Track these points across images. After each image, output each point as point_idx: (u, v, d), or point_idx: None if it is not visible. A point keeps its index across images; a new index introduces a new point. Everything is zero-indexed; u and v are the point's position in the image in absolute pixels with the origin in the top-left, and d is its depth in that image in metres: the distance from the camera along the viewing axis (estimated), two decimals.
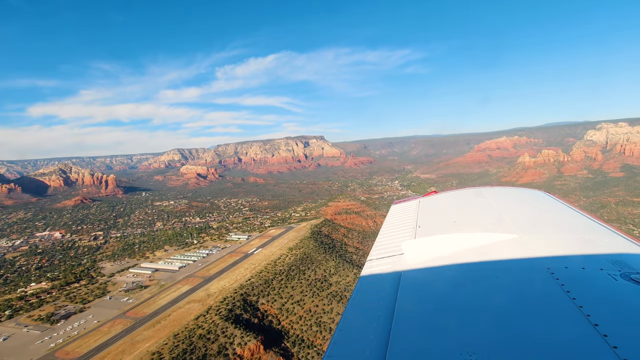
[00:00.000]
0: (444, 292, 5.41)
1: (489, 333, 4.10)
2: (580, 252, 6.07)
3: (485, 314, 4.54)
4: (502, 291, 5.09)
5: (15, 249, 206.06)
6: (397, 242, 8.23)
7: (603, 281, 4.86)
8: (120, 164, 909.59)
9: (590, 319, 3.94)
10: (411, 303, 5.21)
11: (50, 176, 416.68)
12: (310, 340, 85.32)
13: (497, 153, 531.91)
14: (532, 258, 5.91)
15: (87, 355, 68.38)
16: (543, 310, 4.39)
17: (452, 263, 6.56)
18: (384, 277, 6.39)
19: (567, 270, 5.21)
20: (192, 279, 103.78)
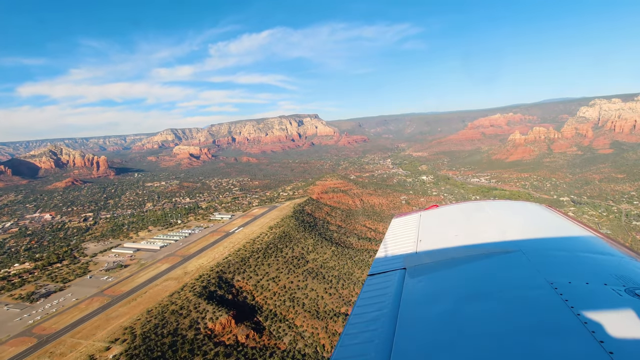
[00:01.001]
0: (447, 309, 5.33)
1: (492, 349, 4.09)
2: (583, 267, 6.09)
3: (488, 329, 4.55)
4: (506, 306, 5.05)
5: (5, 231, 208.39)
6: (398, 256, 8.27)
7: (607, 297, 4.83)
8: (113, 144, 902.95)
9: (595, 335, 3.92)
10: (413, 320, 5.20)
11: (41, 158, 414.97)
12: (282, 315, 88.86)
13: (490, 130, 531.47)
14: (535, 273, 5.86)
15: (63, 331, 71.39)
16: (547, 326, 4.37)
17: (456, 278, 6.57)
18: (385, 293, 6.31)
19: (570, 286, 5.17)
20: (172, 258, 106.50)
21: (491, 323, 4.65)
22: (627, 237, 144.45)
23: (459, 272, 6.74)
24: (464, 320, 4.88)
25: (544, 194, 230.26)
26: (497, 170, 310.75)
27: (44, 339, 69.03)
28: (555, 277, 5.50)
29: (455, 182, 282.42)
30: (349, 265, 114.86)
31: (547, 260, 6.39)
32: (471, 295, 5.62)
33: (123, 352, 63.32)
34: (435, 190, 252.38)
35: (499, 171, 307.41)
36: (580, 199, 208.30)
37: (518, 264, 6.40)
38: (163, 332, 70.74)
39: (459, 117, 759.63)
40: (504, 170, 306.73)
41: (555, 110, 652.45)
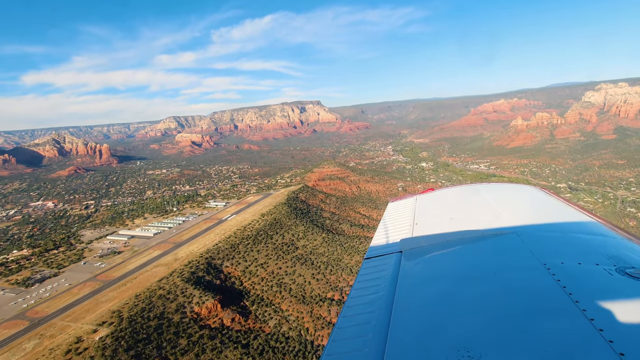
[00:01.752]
0: (443, 290, 5.41)
1: (485, 329, 4.20)
2: (575, 248, 6.19)
3: (482, 309, 4.65)
4: (500, 287, 5.16)
5: (9, 219, 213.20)
6: (394, 239, 8.35)
7: (599, 276, 4.96)
8: (117, 132, 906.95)
9: (586, 313, 4.04)
10: (409, 302, 5.30)
11: (45, 146, 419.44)
12: (269, 300, 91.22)
13: (493, 116, 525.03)
14: (528, 254, 5.95)
15: (54, 314, 74.23)
16: (540, 305, 4.48)
17: (451, 260, 6.68)
18: (382, 276, 6.39)
19: (563, 266, 5.29)
20: (164, 245, 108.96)
21: (485, 304, 4.78)
22: (620, 223, 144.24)
23: (454, 255, 6.86)
24: (459, 301, 5.02)
25: (542, 180, 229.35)
26: (498, 157, 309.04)
27: (35, 321, 71.93)
28: (548, 258, 5.62)
29: (454, 169, 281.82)
30: (339, 251, 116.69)
31: (540, 241, 6.48)
32: (466, 276, 5.73)
33: (109, 334, 65.95)
34: (434, 177, 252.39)
35: (499, 157, 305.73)
36: (577, 185, 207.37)
37: (512, 245, 6.50)
38: (149, 316, 73.31)
39: (463, 102, 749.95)
40: (505, 157, 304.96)
41: (561, 95, 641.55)
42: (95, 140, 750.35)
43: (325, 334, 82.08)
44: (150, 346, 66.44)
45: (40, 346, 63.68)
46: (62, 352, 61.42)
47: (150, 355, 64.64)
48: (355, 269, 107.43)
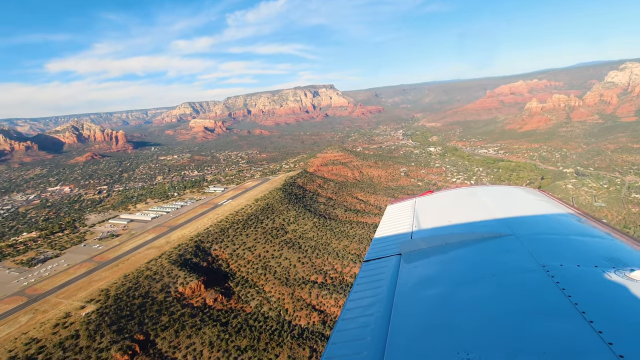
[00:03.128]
0: (442, 293, 5.41)
1: (484, 331, 4.19)
2: (574, 250, 6.19)
3: (481, 312, 4.64)
4: (499, 289, 5.15)
5: (28, 203, 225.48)
6: (393, 242, 8.36)
7: (597, 278, 4.94)
8: (135, 119, 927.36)
9: (585, 315, 4.01)
10: (408, 305, 5.30)
11: (64, 133, 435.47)
12: (253, 281, 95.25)
13: (509, 99, 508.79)
14: (527, 257, 5.92)
15: (50, 292, 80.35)
16: (539, 307, 4.46)
17: (450, 262, 6.68)
18: (381, 279, 6.42)
19: (562, 268, 5.28)
20: (159, 229, 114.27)
21: (485, 306, 4.80)
22: (622, 209, 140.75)
23: (454, 257, 6.85)
24: (458, 304, 5.03)
25: (550, 165, 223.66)
26: (508, 141, 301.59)
27: (33, 298, 78.21)
28: (547, 260, 5.61)
29: (462, 154, 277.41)
30: (328, 236, 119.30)
31: (539, 243, 6.49)
32: (465, 279, 5.75)
33: (95, 311, 71.30)
34: (439, 162, 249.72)
35: (509, 142, 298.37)
36: (586, 170, 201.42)
37: (511, 247, 6.50)
38: (135, 295, 78.39)
39: (480, 85, 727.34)
40: (515, 141, 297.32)
41: (584, 75, 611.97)
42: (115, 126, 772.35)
43: (303, 314, 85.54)
44: (133, 322, 71.48)
45: (33, 320, 69.62)
46: (51, 325, 67.11)
47: (131, 330, 69.66)
48: (342, 254, 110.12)
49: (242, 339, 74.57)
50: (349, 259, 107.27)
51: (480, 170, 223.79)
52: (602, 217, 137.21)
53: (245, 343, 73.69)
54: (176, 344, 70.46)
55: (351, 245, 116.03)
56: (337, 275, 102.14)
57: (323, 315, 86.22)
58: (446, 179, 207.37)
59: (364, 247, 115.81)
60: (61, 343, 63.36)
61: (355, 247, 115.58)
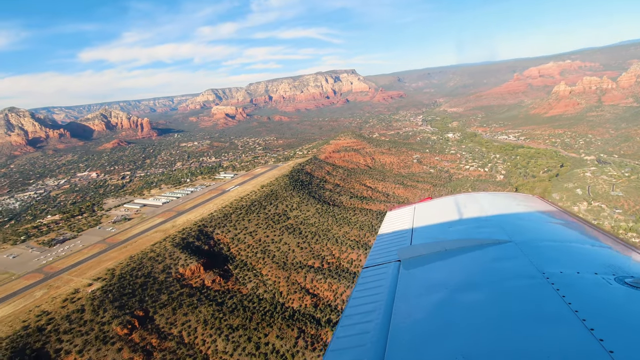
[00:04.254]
0: (441, 299, 5.41)
1: (483, 338, 4.19)
2: (574, 257, 6.15)
3: (481, 318, 4.65)
4: (498, 296, 5.13)
5: (59, 187, 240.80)
6: (392, 248, 8.37)
7: (598, 285, 4.92)
8: (162, 106, 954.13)
9: (586, 323, 3.98)
10: (407, 311, 5.30)
11: (94, 121, 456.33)
12: (252, 265, 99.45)
13: (538, 81, 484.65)
14: (527, 263, 5.87)
15: (64, 270, 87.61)
16: (539, 314, 4.42)
17: (449, 269, 6.68)
18: (380, 285, 6.43)
19: (561, 275, 5.25)
20: (168, 213, 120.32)
21: (484, 312, 4.78)
22: (639, 199, 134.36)
23: (452, 264, 6.83)
24: (458, 310, 5.02)
25: (572, 152, 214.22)
26: (531, 127, 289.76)
27: (49, 275, 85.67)
28: (546, 267, 5.57)
29: (480, 140, 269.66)
30: (329, 222, 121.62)
31: (538, 250, 6.43)
32: (465, 285, 5.74)
33: (100, 288, 77.49)
34: (455, 149, 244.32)
35: (532, 127, 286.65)
36: (610, 157, 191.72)
37: (510, 254, 6.45)
38: (137, 274, 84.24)
39: (509, 67, 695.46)
40: (539, 126, 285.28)
41: (623, 55, 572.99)
42: (143, 113, 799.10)
43: (297, 297, 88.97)
44: (134, 299, 77.24)
45: (47, 295, 76.62)
46: (60, 300, 73.76)
47: (132, 307, 75.39)
48: (341, 240, 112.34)
49: (235, 318, 78.94)
50: (347, 245, 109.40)
51: (497, 157, 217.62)
52: (618, 207, 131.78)
53: (238, 322, 78.01)
54: (173, 320, 75.70)
55: (352, 231, 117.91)
56: (335, 260, 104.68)
57: (315, 299, 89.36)
58: (459, 166, 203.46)
59: (364, 234, 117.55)
60: (68, 316, 69.77)
61: (355, 233, 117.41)
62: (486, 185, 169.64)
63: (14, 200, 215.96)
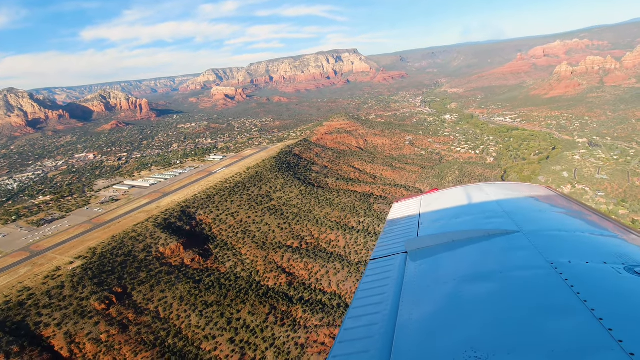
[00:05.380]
0: (449, 290, 5.38)
1: (492, 329, 4.18)
2: (582, 247, 6.11)
3: (489, 309, 4.63)
4: (507, 287, 5.11)
5: (57, 169, 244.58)
6: (399, 240, 8.37)
7: (607, 275, 4.88)
8: (163, 86, 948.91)
9: (594, 313, 3.95)
10: (415, 303, 5.28)
11: (93, 102, 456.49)
12: (232, 245, 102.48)
13: (543, 61, 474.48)
14: (535, 253, 5.85)
15: (49, 249, 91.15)
16: (547, 304, 4.41)
17: (457, 260, 6.63)
18: (388, 277, 6.43)
19: (570, 265, 5.22)
20: (154, 195, 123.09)
21: (492, 303, 4.78)
22: (624, 182, 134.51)
23: (460, 254, 6.80)
24: (465, 301, 5.01)
25: (566, 134, 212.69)
26: (529, 108, 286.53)
27: (34, 253, 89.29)
28: (555, 257, 5.56)
29: (476, 122, 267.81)
30: (312, 203, 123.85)
31: (546, 240, 6.42)
32: (472, 276, 5.70)
33: (80, 266, 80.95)
34: (449, 131, 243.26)
35: (530, 109, 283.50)
36: (602, 140, 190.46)
37: (518, 244, 6.43)
38: (118, 253, 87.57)
39: (515, 46, 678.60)
40: (537, 108, 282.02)
41: (634, 33, 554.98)
42: (144, 94, 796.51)
43: (272, 276, 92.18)
44: (113, 277, 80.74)
45: (31, 272, 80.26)
46: (42, 277, 77.38)
47: (111, 284, 78.94)
48: (321, 221, 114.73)
49: (210, 295, 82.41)
50: (327, 226, 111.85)
51: (490, 140, 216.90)
52: (601, 190, 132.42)
53: (213, 299, 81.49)
54: (150, 297, 79.28)
55: (333, 213, 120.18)
56: (313, 241, 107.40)
57: (291, 278, 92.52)
58: (450, 148, 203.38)
59: (345, 215, 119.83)
60: (48, 292, 73.43)
61: (336, 214, 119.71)
62: (475, 167, 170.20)
63: (13, 181, 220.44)
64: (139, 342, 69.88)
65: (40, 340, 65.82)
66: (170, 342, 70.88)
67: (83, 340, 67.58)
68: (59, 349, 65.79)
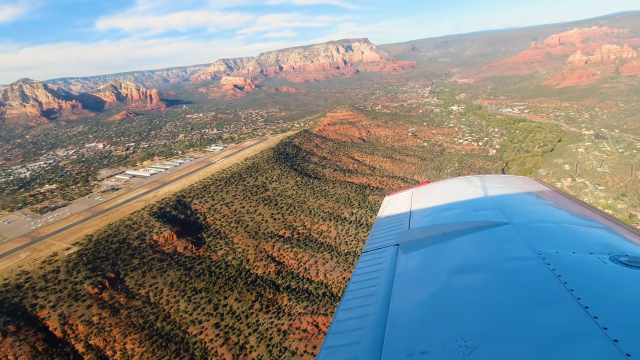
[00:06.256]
0: (439, 282, 5.48)
1: (481, 318, 4.30)
2: (569, 238, 6.24)
3: (478, 300, 4.75)
4: (496, 277, 5.20)
5: (67, 158, 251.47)
6: (390, 233, 8.43)
7: (593, 265, 5.02)
8: (175, 76, 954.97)
9: (580, 302, 4.10)
10: (406, 294, 5.37)
11: (105, 92, 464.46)
12: (225, 233, 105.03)
13: (558, 50, 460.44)
14: (523, 245, 5.97)
15: (49, 235, 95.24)
16: (535, 294, 4.53)
17: (447, 251, 6.75)
18: (379, 269, 6.51)
19: (557, 256, 5.35)
20: (153, 184, 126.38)
21: (482, 293, 4.90)
22: (626, 176, 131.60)
23: (450, 246, 6.89)
24: (456, 292, 5.12)
25: (574, 126, 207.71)
26: (539, 99, 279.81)
27: (35, 239, 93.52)
28: (543, 248, 5.69)
29: (483, 113, 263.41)
30: (307, 194, 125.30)
31: (535, 231, 6.51)
32: (462, 267, 5.80)
33: (76, 252, 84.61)
34: (454, 122, 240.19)
35: (539, 100, 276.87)
36: (610, 132, 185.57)
37: (507, 236, 6.51)
38: (113, 240, 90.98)
39: (531, 34, 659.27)
40: (547, 99, 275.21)
41: None
42: (156, 84, 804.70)
43: (262, 264, 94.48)
44: (107, 263, 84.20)
45: (30, 257, 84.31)
46: (40, 261, 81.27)
47: (105, 269, 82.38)
48: (315, 212, 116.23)
49: (200, 282, 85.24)
50: (319, 217, 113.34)
51: (495, 131, 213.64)
52: (602, 184, 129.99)
53: (202, 285, 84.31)
54: (142, 282, 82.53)
55: (327, 204, 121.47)
56: (305, 231, 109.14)
57: (280, 267, 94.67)
58: (453, 140, 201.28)
59: (339, 207, 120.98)
60: (44, 276, 77.25)
61: (330, 205, 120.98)
62: (475, 159, 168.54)
63: (25, 170, 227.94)
64: (128, 324, 73.21)
65: (36, 321, 69.67)
66: (158, 325, 74.04)
67: (76, 321, 71.18)
68: (53, 330, 69.56)
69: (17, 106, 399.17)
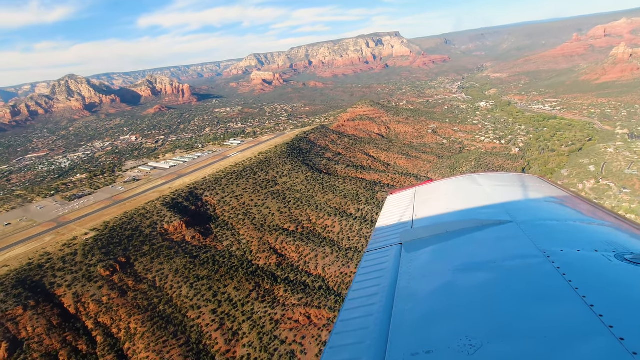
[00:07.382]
0: (443, 280, 5.46)
1: (485, 317, 4.26)
2: (574, 236, 6.20)
3: (483, 298, 4.72)
4: (500, 276, 5.17)
5: (103, 149, 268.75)
6: (394, 232, 8.43)
7: (598, 263, 4.94)
8: (209, 71, 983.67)
9: (586, 300, 4.04)
10: (410, 293, 5.33)
11: (141, 87, 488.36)
12: (232, 225, 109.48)
13: (603, 42, 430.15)
14: (528, 243, 5.92)
15: (73, 221, 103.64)
16: (540, 293, 4.48)
17: (451, 250, 6.72)
18: (383, 268, 6.49)
19: (562, 254, 5.29)
20: (170, 176, 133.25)
21: (485, 292, 4.87)
22: None
23: (454, 245, 6.89)
24: (460, 291, 5.09)
25: (608, 125, 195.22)
26: (574, 95, 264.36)
27: (60, 224, 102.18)
28: (547, 246, 5.63)
29: (512, 110, 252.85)
30: (315, 189, 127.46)
31: (539, 229, 6.49)
32: (466, 266, 5.76)
33: (93, 237, 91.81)
34: (478, 119, 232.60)
35: (575, 95, 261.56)
36: None
37: (511, 234, 6.50)
38: (126, 227, 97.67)
39: (575, 25, 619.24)
40: (584, 95, 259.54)
41: None
42: (191, 79, 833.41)
43: (264, 256, 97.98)
44: (119, 248, 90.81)
45: (54, 240, 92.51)
46: (61, 244, 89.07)
47: (117, 254, 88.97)
48: (321, 207, 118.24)
49: (203, 270, 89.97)
50: (325, 212, 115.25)
51: (521, 129, 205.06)
52: (628, 186, 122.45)
53: (204, 273, 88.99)
54: (149, 267, 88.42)
55: (334, 199, 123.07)
56: (310, 225, 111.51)
57: (281, 259, 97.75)
58: (474, 138, 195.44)
59: (346, 203, 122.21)
60: (63, 257, 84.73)
61: (337, 201, 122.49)
62: (495, 158, 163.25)
63: (66, 160, 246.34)
64: (134, 306, 79.06)
65: (53, 298, 76.97)
66: (160, 308, 79.38)
67: (88, 300, 77.87)
68: (67, 307, 76.58)
69: (63, 100, 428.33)
